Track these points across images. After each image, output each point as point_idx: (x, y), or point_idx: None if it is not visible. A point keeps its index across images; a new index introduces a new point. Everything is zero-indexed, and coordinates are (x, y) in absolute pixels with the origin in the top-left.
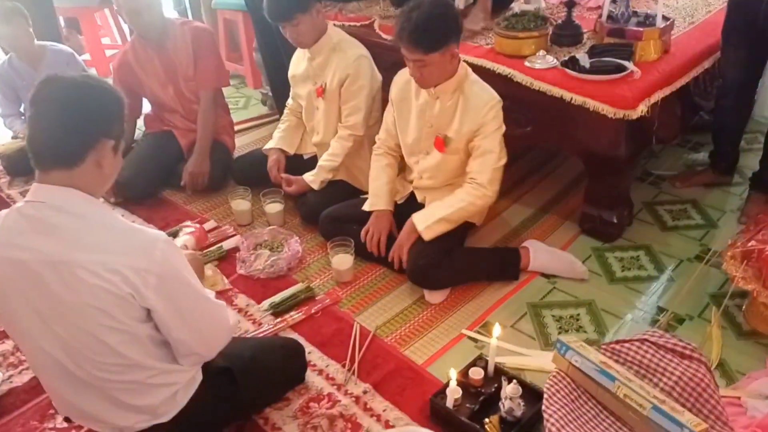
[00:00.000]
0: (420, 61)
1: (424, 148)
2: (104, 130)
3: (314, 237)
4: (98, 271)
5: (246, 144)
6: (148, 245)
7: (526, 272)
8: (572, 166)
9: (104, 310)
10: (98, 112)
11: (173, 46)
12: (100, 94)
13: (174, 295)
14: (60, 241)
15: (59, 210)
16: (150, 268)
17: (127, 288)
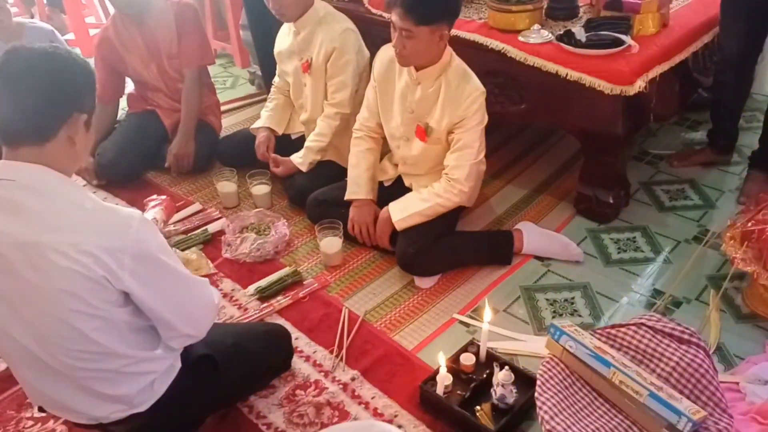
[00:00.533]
0: (408, 31)
1: (405, 135)
2: (77, 104)
3: (302, 220)
4: (69, 252)
5: (233, 125)
6: (121, 224)
7: (520, 255)
8: (567, 145)
9: (76, 295)
10: (70, 84)
11: (155, 23)
12: (71, 65)
13: (152, 275)
14: (28, 221)
15: (28, 189)
16: (124, 248)
17: (101, 270)
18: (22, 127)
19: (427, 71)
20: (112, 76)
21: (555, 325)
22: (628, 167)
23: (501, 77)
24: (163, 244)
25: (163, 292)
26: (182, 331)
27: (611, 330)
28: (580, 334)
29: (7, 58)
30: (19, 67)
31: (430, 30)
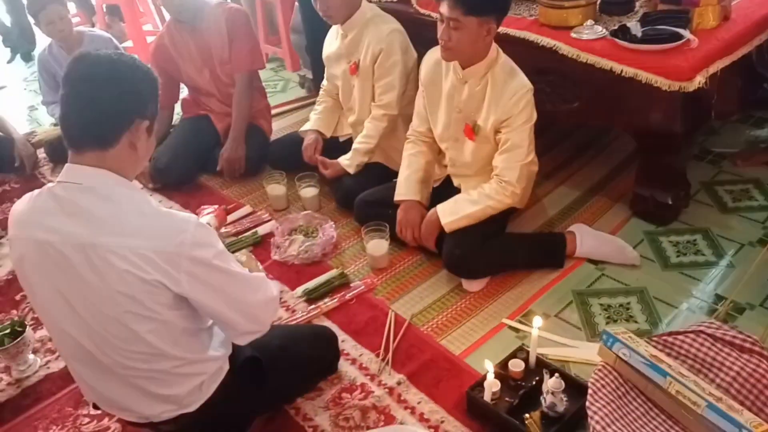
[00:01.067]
0: (456, 21)
1: (453, 135)
2: (139, 110)
3: (349, 222)
4: (127, 255)
5: (284, 128)
6: (177, 229)
7: (573, 258)
8: (623, 144)
9: (133, 297)
10: (133, 91)
11: (207, 29)
12: (135, 72)
13: (209, 278)
14: (90, 223)
15: (91, 192)
16: (181, 252)
17: (157, 274)
18: (85, 133)
19: (473, 69)
20: (168, 83)
21: (608, 331)
22: (688, 167)
23: (552, 75)
24: (220, 248)
25: (221, 293)
26: (245, 328)
27: (668, 337)
28: (635, 341)
29: (73, 65)
30: (84, 73)
31: (479, 22)
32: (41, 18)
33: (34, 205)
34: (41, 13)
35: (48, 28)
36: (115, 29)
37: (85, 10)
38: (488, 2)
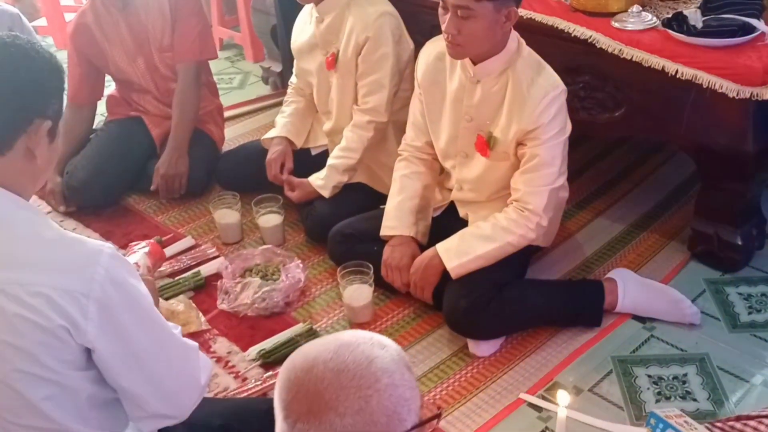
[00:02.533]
0: (465, 8)
1: (461, 149)
2: (39, 108)
3: (322, 260)
4: (19, 294)
5: (239, 135)
6: (87, 260)
7: (613, 314)
8: (679, 164)
9: (25, 350)
10: (31, 83)
11: (145, 6)
12: (33, 60)
13: (124, 328)
14: None
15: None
16: (90, 291)
17: (59, 319)
18: None
19: (487, 64)
20: (89, 73)
21: (657, 413)
22: (762, 197)
23: (588, 75)
24: (141, 288)
25: (136, 351)
26: (156, 409)
27: (736, 423)
28: (692, 427)
29: None
30: None
31: (495, 6)
32: None
33: None
34: None
35: None
36: (26, 3)
37: None
38: None
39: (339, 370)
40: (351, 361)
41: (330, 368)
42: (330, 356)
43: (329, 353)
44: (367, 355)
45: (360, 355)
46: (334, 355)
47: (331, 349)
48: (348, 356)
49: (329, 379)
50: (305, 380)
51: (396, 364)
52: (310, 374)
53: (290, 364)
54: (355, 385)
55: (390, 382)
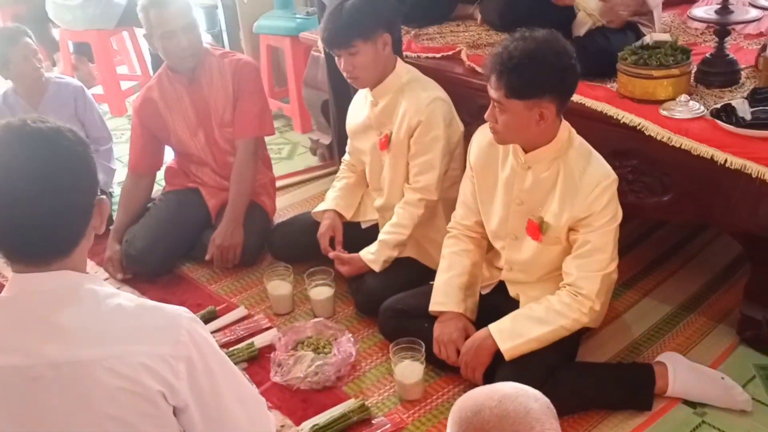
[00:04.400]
0: (499, 103)
1: (512, 232)
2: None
3: (373, 334)
4: (119, 368)
5: (289, 205)
6: (171, 325)
7: (663, 398)
8: (726, 245)
9: (127, 422)
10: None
11: (209, 83)
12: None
13: (210, 382)
14: (63, 336)
15: (55, 298)
16: (178, 352)
17: (157, 384)
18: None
19: (538, 153)
20: (151, 145)
21: None
22: None
23: (636, 159)
24: (217, 347)
25: (220, 407)
26: None
27: None
28: None
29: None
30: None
31: (525, 105)
32: (12, 54)
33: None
34: (12, 49)
35: (21, 65)
36: (83, 71)
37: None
38: (535, 84)
39: (502, 417)
40: (512, 409)
41: (495, 414)
42: (495, 404)
43: (494, 401)
44: (525, 406)
45: (519, 406)
46: (498, 404)
47: (496, 399)
48: (509, 405)
49: (493, 423)
50: (473, 421)
51: (546, 415)
52: (478, 416)
53: (462, 405)
54: (514, 430)
55: (541, 429)
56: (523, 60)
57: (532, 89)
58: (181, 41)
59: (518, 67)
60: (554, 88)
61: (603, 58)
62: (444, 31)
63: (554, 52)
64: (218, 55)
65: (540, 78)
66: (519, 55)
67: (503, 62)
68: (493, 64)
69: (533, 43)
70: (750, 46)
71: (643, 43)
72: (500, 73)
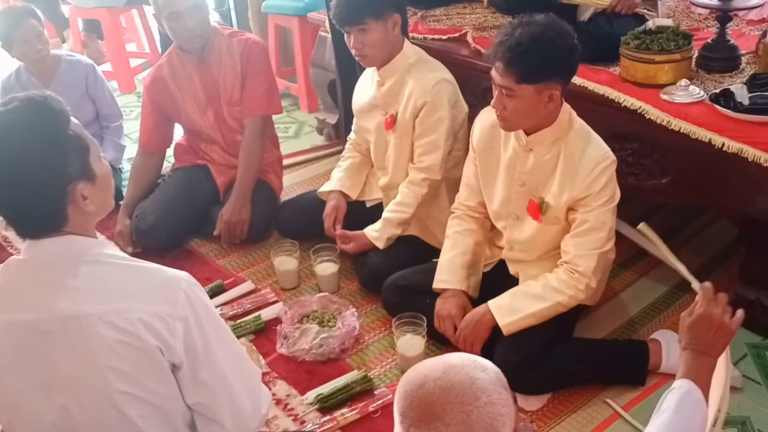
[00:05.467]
0: (508, 89)
1: (513, 212)
2: (65, 179)
3: (376, 309)
4: (117, 321)
5: (295, 183)
6: (170, 285)
7: (657, 374)
8: (722, 228)
9: (126, 372)
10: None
11: (218, 62)
12: (40, 131)
13: (205, 342)
14: (69, 293)
15: (62, 260)
16: (175, 312)
17: (154, 340)
18: (29, 227)
19: (540, 135)
20: (161, 122)
21: None
22: None
23: (636, 142)
24: (214, 309)
25: (213, 368)
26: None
27: None
28: None
29: None
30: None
31: (535, 89)
32: (15, 36)
33: (2, 282)
34: (15, 31)
35: (23, 48)
36: (92, 48)
37: (54, 21)
38: (545, 68)
39: (446, 388)
40: (457, 380)
41: (439, 386)
42: (439, 375)
43: (438, 372)
44: (471, 376)
45: (464, 376)
46: (443, 375)
47: (440, 369)
48: (454, 376)
49: (437, 395)
50: (418, 394)
51: (494, 385)
52: (423, 389)
53: (407, 378)
54: (459, 401)
55: (488, 400)
56: (532, 45)
57: (543, 72)
58: (187, 22)
59: (528, 52)
60: (563, 69)
61: (606, 42)
62: (450, 13)
63: (559, 34)
64: (227, 34)
65: (549, 60)
66: (527, 40)
67: (511, 49)
68: (501, 52)
69: (538, 28)
70: (752, 32)
71: (646, 28)
72: (510, 60)
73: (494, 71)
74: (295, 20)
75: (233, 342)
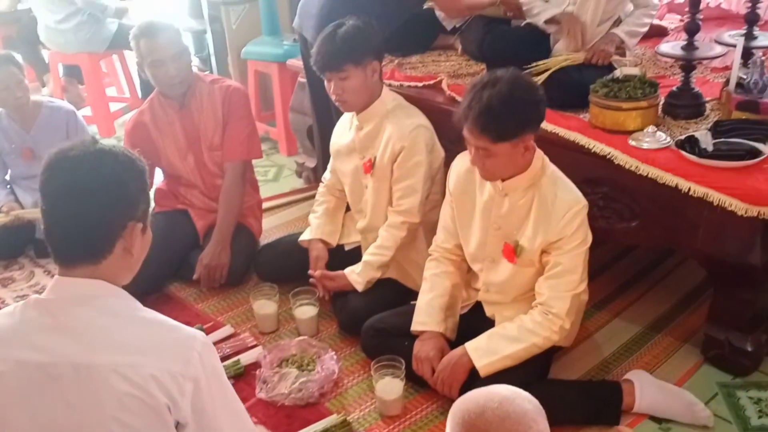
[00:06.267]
0: (485, 150)
1: (489, 255)
2: (131, 213)
3: (355, 352)
4: (130, 376)
5: (274, 227)
6: (185, 345)
7: (630, 414)
8: (692, 270)
9: (132, 427)
10: (122, 194)
11: (199, 108)
12: (121, 171)
13: (212, 405)
14: (86, 340)
15: (85, 304)
16: (187, 372)
17: (164, 397)
18: (75, 249)
19: (514, 181)
20: None
21: None
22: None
23: (607, 187)
24: (224, 373)
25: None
26: None
27: None
28: None
29: (49, 173)
30: (63, 184)
31: (511, 145)
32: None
33: (19, 320)
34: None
35: (3, 95)
36: (72, 93)
37: (35, 66)
38: (518, 125)
39: (503, 418)
40: (512, 411)
41: (497, 415)
42: (496, 406)
43: (495, 403)
44: (523, 408)
45: (518, 407)
46: (499, 405)
47: (496, 401)
48: (509, 407)
49: (496, 424)
50: (477, 422)
51: (540, 416)
52: (482, 418)
53: (463, 407)
54: (515, 429)
55: (537, 428)
56: (503, 107)
57: (517, 130)
58: (170, 70)
59: (501, 114)
60: (534, 121)
61: (576, 90)
62: (426, 61)
63: (526, 89)
64: (208, 81)
65: (522, 117)
66: (497, 102)
67: (483, 113)
68: (473, 117)
69: (505, 86)
70: (716, 79)
71: (614, 76)
72: (484, 124)
73: (467, 133)
74: (275, 66)
75: (236, 401)
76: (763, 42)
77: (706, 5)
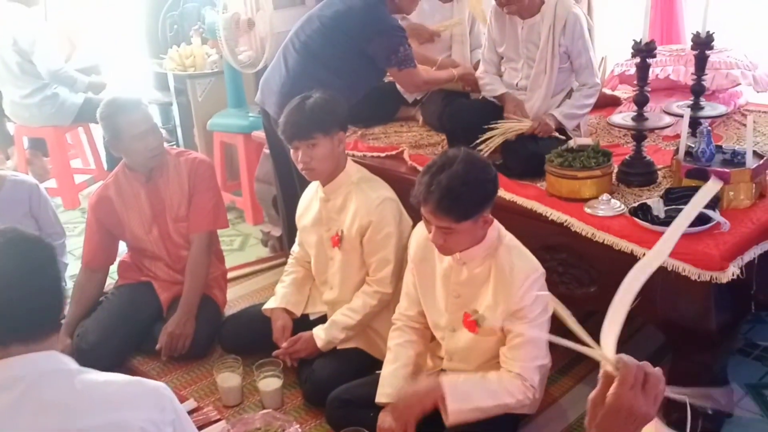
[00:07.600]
0: (447, 228)
1: (450, 323)
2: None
3: (320, 425)
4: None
5: (240, 296)
6: (156, 394)
7: None
8: (652, 334)
9: None
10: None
11: (165, 180)
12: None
13: None
14: (61, 412)
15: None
16: (165, 418)
17: None
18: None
19: (471, 252)
20: (105, 240)
21: None
22: (730, 365)
23: (565, 253)
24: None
25: None
26: None
27: None
28: None
29: None
30: None
31: (473, 222)
32: None
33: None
34: None
35: None
36: (37, 165)
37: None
38: (480, 203)
39: None
40: None
41: None
42: None
43: None
44: None
45: None
46: None
47: None
48: None
49: None
50: None
51: None
52: None
53: None
54: None
55: None
56: (462, 188)
57: (478, 207)
58: (150, 142)
59: (461, 195)
60: (492, 196)
61: (533, 160)
62: (388, 132)
63: (481, 168)
64: (174, 154)
65: (482, 195)
66: (456, 183)
67: (444, 195)
68: (433, 200)
69: (460, 167)
70: (667, 147)
71: (568, 146)
72: (447, 206)
73: (429, 215)
74: (240, 137)
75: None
76: (709, 112)
77: (655, 76)
